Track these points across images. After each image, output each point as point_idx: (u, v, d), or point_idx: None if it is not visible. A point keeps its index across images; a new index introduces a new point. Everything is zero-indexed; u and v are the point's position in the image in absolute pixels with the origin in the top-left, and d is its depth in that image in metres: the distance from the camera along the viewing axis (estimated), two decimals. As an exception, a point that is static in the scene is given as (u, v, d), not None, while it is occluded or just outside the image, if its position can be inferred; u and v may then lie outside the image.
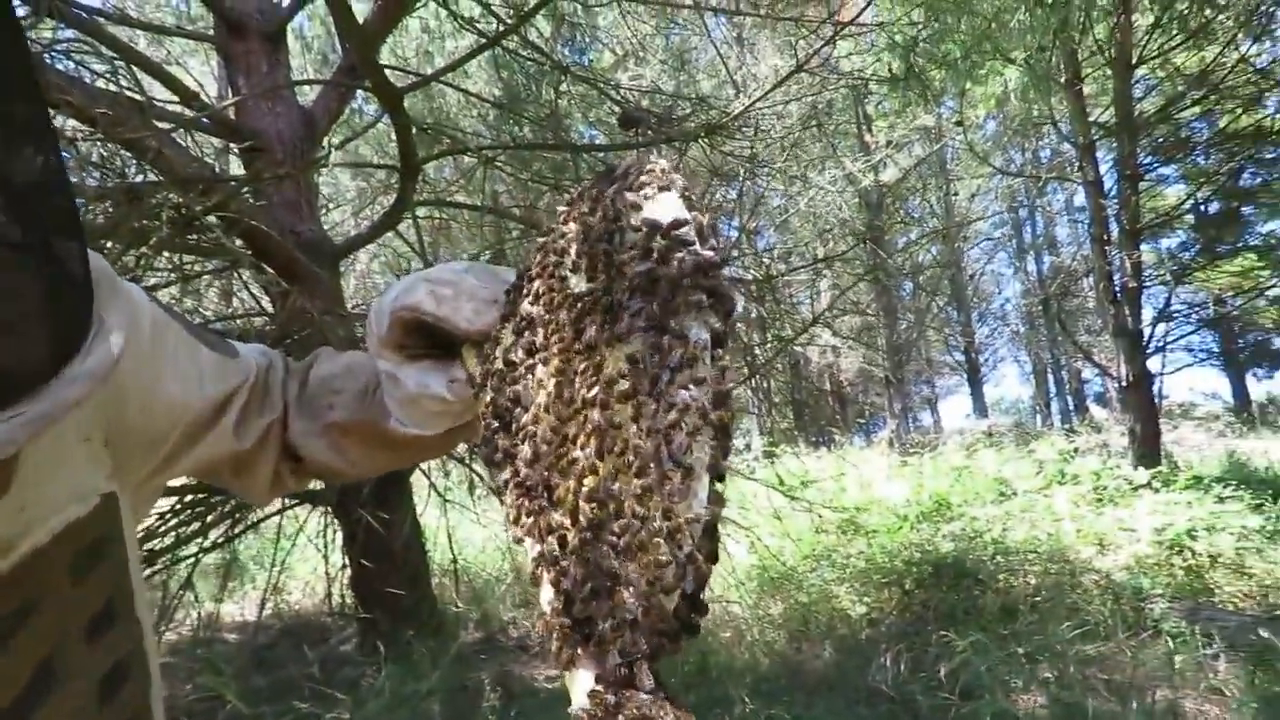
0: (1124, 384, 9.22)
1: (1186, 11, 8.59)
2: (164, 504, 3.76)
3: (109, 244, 2.89)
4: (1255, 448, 10.92)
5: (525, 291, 0.66)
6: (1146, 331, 9.35)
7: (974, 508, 7.23)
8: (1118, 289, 9.25)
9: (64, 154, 0.51)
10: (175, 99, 4.29)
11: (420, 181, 4.63)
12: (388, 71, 3.54)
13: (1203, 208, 11.18)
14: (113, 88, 3.45)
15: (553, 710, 3.90)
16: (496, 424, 0.65)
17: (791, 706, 3.78)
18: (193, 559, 4.03)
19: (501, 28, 3.99)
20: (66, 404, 0.51)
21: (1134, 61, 8.93)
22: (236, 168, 4.98)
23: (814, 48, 5.39)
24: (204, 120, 4.23)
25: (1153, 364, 9.51)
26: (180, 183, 3.21)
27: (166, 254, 3.58)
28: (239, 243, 3.82)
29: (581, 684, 0.52)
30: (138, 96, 3.52)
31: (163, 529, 3.65)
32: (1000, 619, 4.66)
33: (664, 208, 0.59)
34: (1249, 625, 4.35)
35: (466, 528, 6.02)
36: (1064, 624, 4.32)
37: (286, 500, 4.39)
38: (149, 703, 0.59)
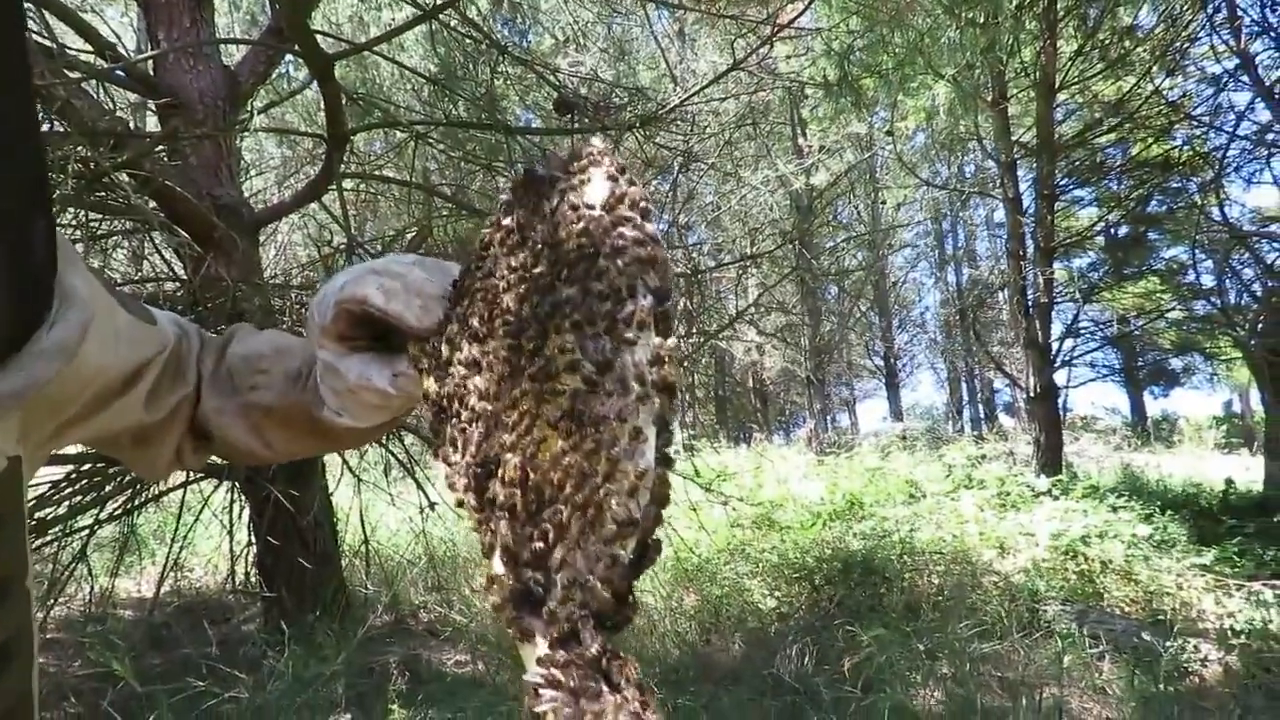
0: (1031, 395, 9.60)
1: (1107, 42, 8.98)
2: (58, 472, 3.59)
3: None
4: (1149, 461, 11.49)
5: (468, 282, 0.65)
6: (1054, 346, 9.76)
7: (885, 508, 7.44)
8: (1030, 303, 9.63)
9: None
10: (89, 49, 4.08)
11: (348, 153, 4.51)
12: (319, 37, 3.43)
13: (1112, 231, 11.69)
14: (20, 31, 3.25)
15: (461, 695, 3.86)
16: (443, 412, 0.64)
17: (699, 696, 3.82)
18: (88, 531, 3.86)
19: (439, 1, 3.91)
20: (37, 382, 0.49)
21: (1056, 86, 9.30)
22: (153, 126, 4.77)
23: (752, 47, 5.44)
24: (119, 73, 4.03)
25: (1059, 377, 9.93)
26: (89, 135, 3.06)
27: (71, 211, 3.40)
28: (151, 204, 3.66)
29: (533, 652, 0.51)
30: (47, 42, 3.33)
31: (56, 497, 3.48)
32: (904, 616, 4.80)
33: (601, 184, 0.59)
34: (1133, 629, 4.58)
35: (380, 508, 5.91)
36: (963, 622, 4.47)
37: (192, 474, 4.23)
38: (30, 682, 0.56)
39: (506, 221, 0.64)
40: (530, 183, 0.64)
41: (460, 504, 0.60)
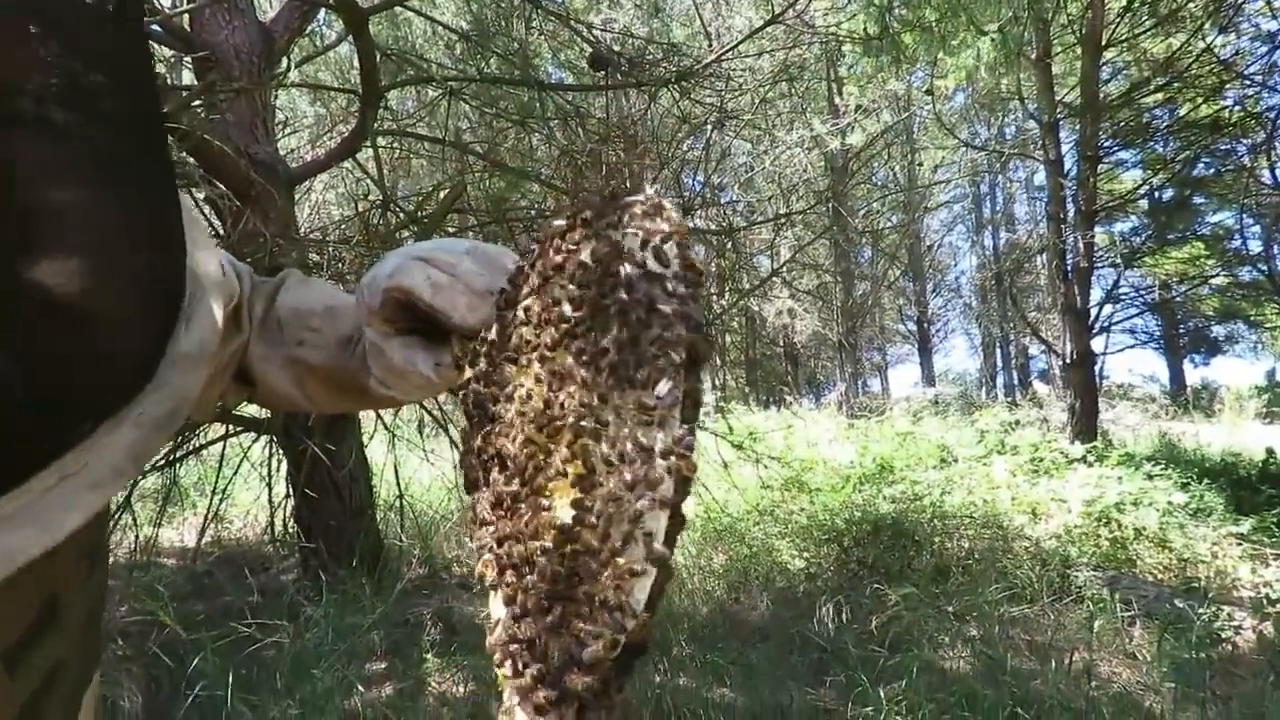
0: (1068, 361, 9.45)
1: (1158, -3, 8.67)
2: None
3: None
4: (1186, 430, 11.30)
5: (515, 294, 0.64)
6: (1093, 311, 9.58)
7: (916, 472, 7.39)
8: (1069, 268, 9.44)
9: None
10: (126, 3, 4.10)
11: (381, 110, 4.51)
12: (353, -10, 3.41)
13: (1157, 194, 11.40)
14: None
15: (492, 647, 3.93)
16: (476, 423, 0.64)
17: (727, 653, 3.87)
18: (131, 481, 3.95)
19: (474, -46, 3.87)
20: (187, 399, 0.49)
21: (1103, 43, 9.00)
22: (189, 82, 4.79)
23: (789, 1, 5.33)
24: (155, 28, 4.04)
25: (1096, 344, 9.77)
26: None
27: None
28: (189, 160, 3.69)
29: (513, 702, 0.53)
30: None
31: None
32: (933, 579, 4.80)
33: (644, 241, 0.58)
34: (1165, 596, 4.54)
35: (414, 464, 6.00)
36: (993, 586, 4.46)
37: (231, 427, 4.32)
38: (100, 628, 0.58)
39: (555, 252, 0.63)
40: (584, 213, 0.62)
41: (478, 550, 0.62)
